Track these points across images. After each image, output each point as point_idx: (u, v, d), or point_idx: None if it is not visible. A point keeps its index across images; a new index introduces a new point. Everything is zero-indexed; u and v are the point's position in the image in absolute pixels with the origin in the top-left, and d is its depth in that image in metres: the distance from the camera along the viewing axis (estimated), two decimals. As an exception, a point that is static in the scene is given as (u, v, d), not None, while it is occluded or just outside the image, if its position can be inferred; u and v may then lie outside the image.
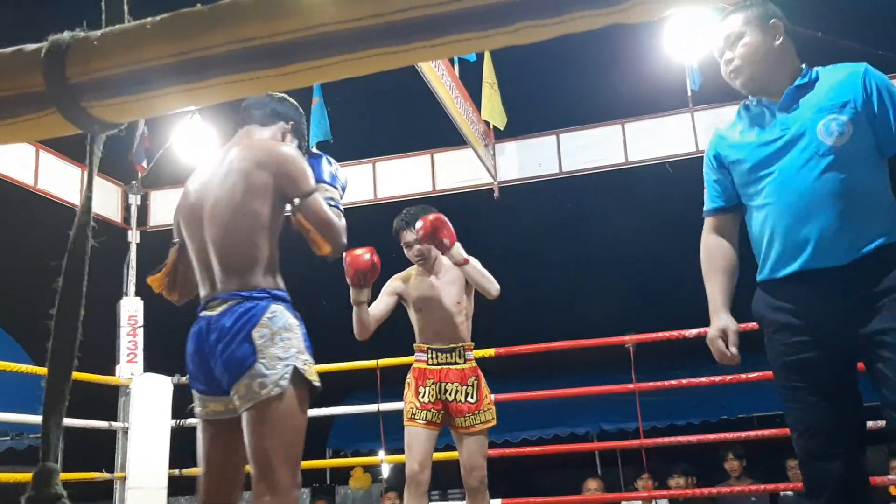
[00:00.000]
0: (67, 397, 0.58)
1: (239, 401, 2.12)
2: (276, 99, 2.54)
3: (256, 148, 2.33)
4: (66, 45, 0.60)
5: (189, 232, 2.33)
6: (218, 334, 2.15)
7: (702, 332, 4.85)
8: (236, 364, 2.11)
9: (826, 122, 2.25)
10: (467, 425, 3.49)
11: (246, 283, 2.19)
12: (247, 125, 2.50)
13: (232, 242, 2.22)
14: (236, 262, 2.21)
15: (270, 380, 2.09)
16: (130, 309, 5.59)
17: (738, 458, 5.72)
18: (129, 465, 5.19)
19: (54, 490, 0.55)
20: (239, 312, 2.14)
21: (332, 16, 0.55)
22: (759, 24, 2.41)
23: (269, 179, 2.25)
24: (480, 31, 0.52)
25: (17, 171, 5.16)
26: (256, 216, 2.22)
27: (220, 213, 2.25)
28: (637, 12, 0.53)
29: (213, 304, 2.21)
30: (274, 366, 2.10)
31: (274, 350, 2.12)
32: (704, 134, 5.56)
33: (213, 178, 2.32)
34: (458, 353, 3.57)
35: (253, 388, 2.09)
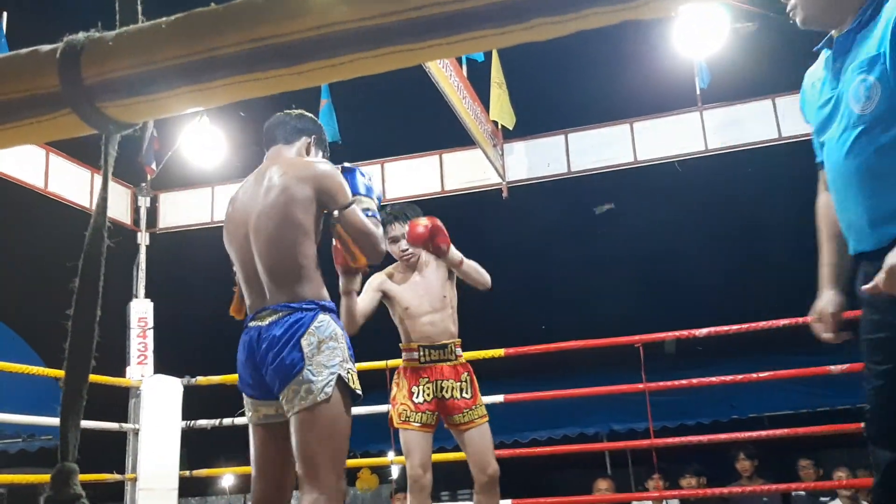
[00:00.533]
0: (85, 397, 0.58)
1: (287, 405, 2.25)
2: (295, 116, 2.67)
3: (295, 164, 2.46)
4: (82, 45, 0.60)
5: (234, 247, 2.46)
6: (269, 343, 2.28)
7: (712, 332, 4.85)
8: (285, 370, 2.23)
9: (856, 84, 1.90)
10: (466, 420, 3.48)
11: (295, 295, 2.31)
12: (272, 146, 2.63)
13: (279, 254, 2.34)
14: (284, 274, 2.33)
15: (317, 386, 2.22)
16: (140, 311, 5.61)
17: (750, 459, 5.70)
18: (139, 466, 5.20)
19: (73, 490, 0.56)
20: (289, 323, 2.27)
21: (345, 14, 0.55)
22: None
23: (311, 193, 2.37)
24: (495, 28, 0.52)
25: (27, 173, 5.18)
26: (301, 228, 2.34)
27: (266, 226, 2.36)
28: (651, 8, 0.53)
29: (263, 315, 2.33)
30: (320, 372, 2.23)
31: (320, 357, 2.24)
32: (713, 132, 5.55)
33: (255, 195, 2.44)
34: (450, 349, 3.55)
35: (300, 393, 2.22)
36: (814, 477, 5.72)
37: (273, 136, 2.64)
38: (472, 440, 3.48)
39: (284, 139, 2.62)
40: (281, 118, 2.66)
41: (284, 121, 2.65)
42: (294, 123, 2.65)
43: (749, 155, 5.68)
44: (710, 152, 5.56)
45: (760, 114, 5.50)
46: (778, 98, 5.49)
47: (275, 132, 2.64)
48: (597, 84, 9.23)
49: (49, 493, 0.55)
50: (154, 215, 6.21)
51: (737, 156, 5.63)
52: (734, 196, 10.41)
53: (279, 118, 2.66)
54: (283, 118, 2.66)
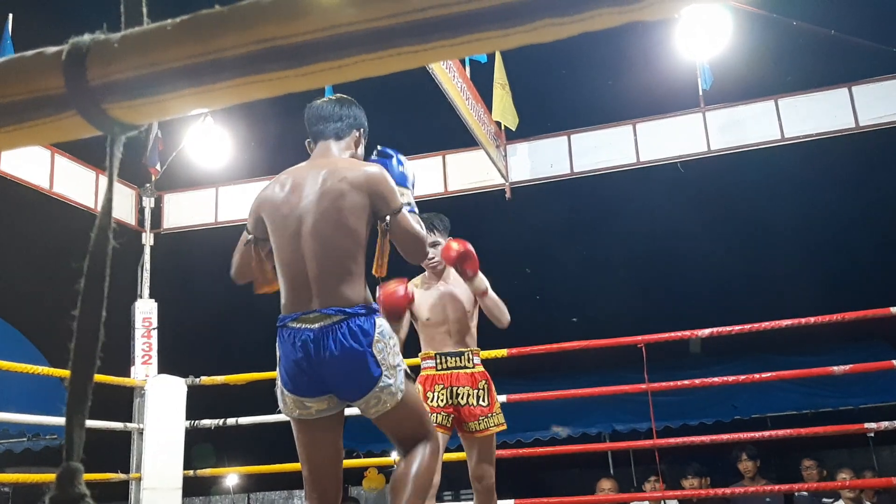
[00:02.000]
0: (90, 397, 0.58)
1: (367, 409, 2.37)
2: (344, 106, 2.61)
3: (350, 169, 2.44)
4: (87, 47, 0.60)
5: (279, 244, 2.43)
6: (334, 349, 2.28)
7: (714, 332, 4.85)
8: (366, 381, 2.31)
9: None
10: (481, 429, 3.47)
11: (347, 300, 2.33)
12: (322, 139, 2.59)
13: (334, 261, 2.34)
14: (338, 279, 2.34)
15: (395, 387, 2.34)
16: (145, 311, 5.62)
17: (752, 459, 5.69)
18: (144, 465, 5.21)
19: (78, 490, 0.56)
20: (354, 330, 2.29)
21: (351, 16, 0.55)
22: None
23: (366, 200, 2.38)
24: (499, 29, 0.53)
25: (33, 174, 5.20)
26: (356, 235, 2.37)
27: (322, 230, 2.35)
28: (656, 9, 0.53)
29: (311, 317, 2.32)
30: (393, 374, 2.33)
31: (389, 360, 2.33)
32: (716, 133, 5.55)
33: (309, 195, 2.41)
34: (467, 357, 3.55)
35: (382, 398, 2.33)
36: (817, 477, 5.72)
37: (322, 130, 2.58)
38: (480, 448, 3.48)
39: (336, 135, 2.58)
40: (329, 109, 2.59)
41: (334, 113, 2.59)
42: (344, 116, 2.59)
43: (751, 156, 5.68)
44: (713, 153, 5.56)
45: (763, 115, 5.50)
46: (780, 99, 5.49)
47: (325, 126, 2.58)
48: (599, 85, 9.24)
49: (54, 493, 0.56)
50: (158, 216, 6.23)
51: (739, 156, 5.64)
52: (737, 196, 10.40)
53: (328, 109, 2.59)
54: (331, 109, 2.59)
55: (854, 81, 5.39)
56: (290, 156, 7.73)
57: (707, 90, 5.53)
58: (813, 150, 5.60)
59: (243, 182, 6.43)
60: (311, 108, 2.63)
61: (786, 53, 7.18)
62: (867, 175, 9.14)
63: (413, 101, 6.87)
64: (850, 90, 5.37)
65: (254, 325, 10.44)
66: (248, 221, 2.59)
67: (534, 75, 8.36)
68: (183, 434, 5.38)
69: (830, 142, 5.44)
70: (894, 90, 5.31)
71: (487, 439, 3.49)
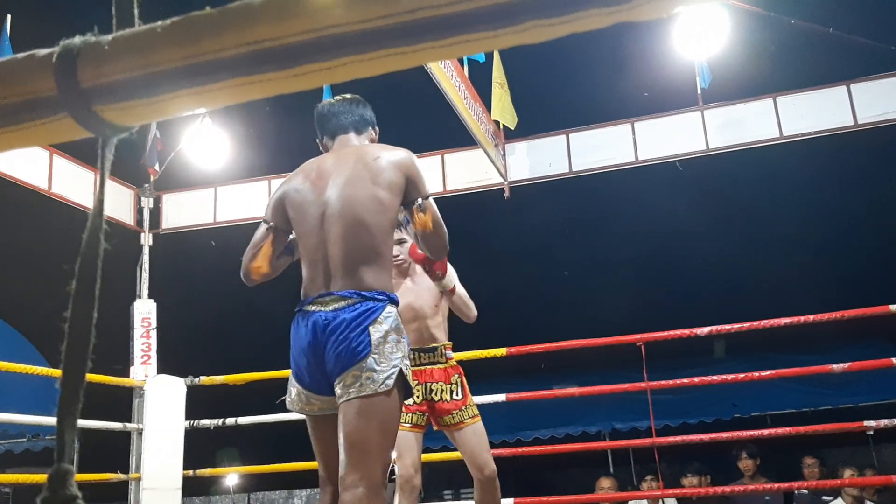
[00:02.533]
0: (82, 398, 0.58)
1: (342, 389, 2.20)
2: (359, 105, 2.61)
3: (384, 149, 2.42)
4: (78, 49, 0.60)
5: (307, 230, 2.37)
6: (335, 325, 2.22)
7: (713, 331, 4.85)
8: (349, 353, 2.19)
9: None
10: (456, 422, 3.45)
11: (368, 284, 2.26)
12: (341, 134, 2.56)
13: (361, 242, 2.29)
14: (361, 262, 2.28)
15: (379, 376, 2.18)
16: (144, 311, 5.62)
17: (752, 458, 5.70)
18: (143, 465, 5.21)
19: (69, 491, 0.56)
20: (360, 310, 2.22)
21: (341, 17, 0.55)
22: None
23: (402, 180, 2.35)
24: (489, 30, 0.53)
25: (31, 175, 5.20)
26: (388, 216, 2.33)
27: (352, 211, 2.30)
28: (646, 10, 0.53)
29: (327, 300, 2.26)
30: (383, 363, 2.19)
31: (385, 348, 2.22)
32: (715, 132, 5.55)
33: (339, 179, 2.36)
34: (440, 352, 3.53)
35: (361, 379, 2.17)
36: (818, 476, 5.72)
37: (340, 124, 2.56)
38: (466, 440, 3.46)
39: (355, 128, 2.56)
40: (345, 106, 2.58)
41: (350, 109, 2.58)
42: (360, 112, 2.59)
43: (750, 154, 5.68)
44: (712, 152, 5.56)
45: (761, 113, 5.50)
46: (779, 97, 5.49)
47: (342, 120, 2.56)
48: (598, 84, 9.24)
49: (45, 494, 0.56)
50: (157, 216, 6.23)
51: (738, 155, 5.64)
52: (736, 195, 10.41)
53: (343, 106, 2.58)
54: (347, 106, 2.58)
55: (853, 79, 5.39)
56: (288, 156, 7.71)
57: (706, 89, 5.54)
58: (812, 148, 5.61)
59: (242, 182, 6.43)
60: (323, 108, 2.61)
61: (784, 52, 7.19)
62: (866, 173, 9.15)
63: (411, 100, 6.87)
64: (849, 88, 5.37)
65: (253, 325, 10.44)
66: (266, 212, 2.52)
67: (532, 74, 8.36)
68: (182, 434, 5.38)
69: (829, 140, 5.44)
70: (893, 88, 5.31)
71: (473, 429, 3.46)
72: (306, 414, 2.38)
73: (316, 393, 2.31)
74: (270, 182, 6.29)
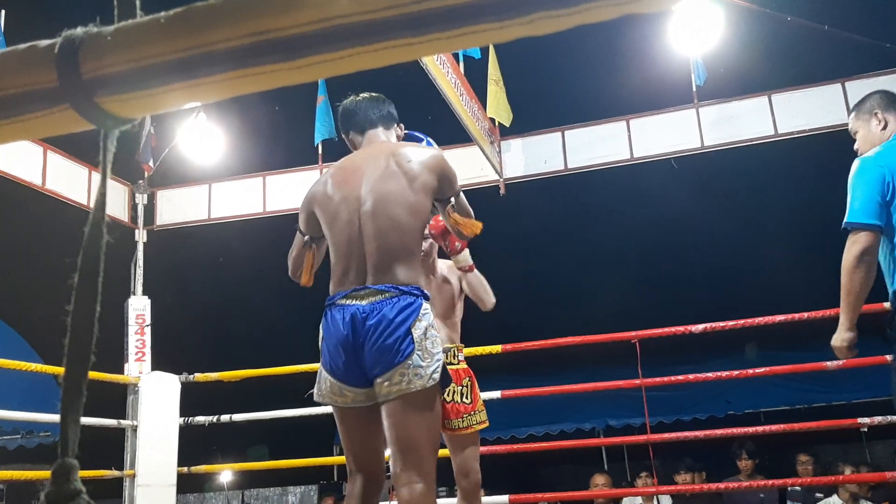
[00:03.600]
0: (85, 393, 0.58)
1: (388, 387, 2.22)
2: (385, 102, 2.66)
3: (416, 151, 2.45)
4: (80, 40, 0.60)
5: (336, 222, 2.40)
6: (377, 322, 2.23)
7: (708, 328, 4.86)
8: (394, 353, 2.21)
9: None
10: (464, 426, 3.41)
11: (403, 279, 2.29)
12: (370, 129, 2.60)
13: (396, 238, 2.32)
14: (396, 257, 2.31)
15: (426, 372, 2.22)
16: (138, 307, 5.60)
17: (752, 458, 5.69)
18: (138, 462, 5.21)
19: (74, 486, 0.56)
20: (401, 305, 2.24)
21: (345, 7, 0.55)
22: None
23: (434, 181, 2.39)
24: (495, 21, 0.52)
25: (25, 171, 5.17)
26: (421, 213, 2.37)
27: (387, 210, 2.33)
28: (650, 2, 0.53)
29: (361, 294, 2.28)
30: (427, 359, 2.23)
31: (427, 344, 2.25)
32: (709, 129, 5.55)
33: (371, 177, 2.39)
34: (452, 353, 3.51)
35: (408, 377, 2.20)
36: (811, 473, 5.73)
37: (368, 119, 2.60)
38: (462, 449, 3.44)
39: (383, 124, 2.61)
40: (371, 102, 2.62)
41: (378, 105, 2.62)
42: (387, 108, 2.64)
43: (745, 151, 5.69)
44: (707, 149, 5.57)
45: (756, 110, 5.51)
46: (774, 94, 5.50)
47: (369, 115, 2.60)
48: (593, 81, 9.24)
49: (50, 489, 0.55)
50: (151, 212, 6.21)
51: (733, 152, 5.64)
52: (731, 192, 10.42)
53: (369, 102, 2.62)
54: (373, 102, 2.63)
55: (847, 77, 5.40)
56: (284, 151, 7.70)
57: (700, 86, 5.54)
58: (806, 145, 5.61)
59: (237, 178, 6.41)
60: (349, 104, 2.64)
61: (779, 49, 7.19)
62: (860, 170, 9.14)
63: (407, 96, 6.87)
64: (843, 85, 5.38)
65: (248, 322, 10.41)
66: (300, 220, 2.57)
67: (528, 71, 8.36)
68: (177, 431, 5.37)
69: (823, 137, 5.45)
70: (887, 85, 5.30)
71: (471, 436, 3.45)
72: (337, 406, 2.39)
73: (350, 385, 2.32)
74: (265, 178, 6.28)
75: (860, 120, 3.07)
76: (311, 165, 6.12)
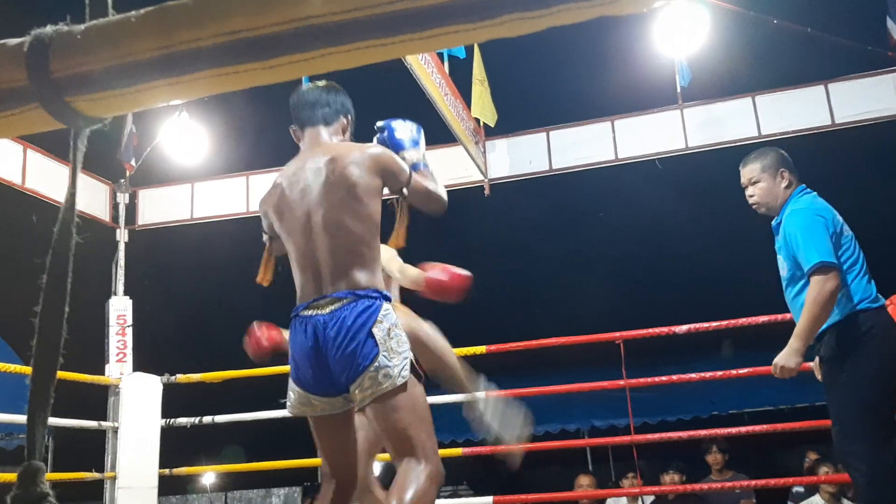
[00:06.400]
0: (52, 395, 0.57)
1: (362, 393, 2.23)
2: (329, 91, 2.60)
3: (354, 152, 2.40)
4: (50, 39, 0.59)
5: (291, 234, 2.41)
6: (337, 330, 2.24)
7: (692, 329, 4.88)
8: (361, 358, 2.22)
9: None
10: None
11: (358, 283, 2.30)
12: (310, 126, 2.56)
13: (347, 247, 2.32)
14: (350, 264, 2.31)
15: (394, 371, 2.22)
16: (119, 308, 5.56)
17: (722, 452, 5.73)
18: (119, 464, 5.17)
19: (40, 489, 0.55)
20: (359, 310, 2.25)
21: (318, 8, 0.54)
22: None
23: (379, 181, 2.37)
24: (467, 23, 0.52)
25: (4, 169, 5.13)
26: (370, 219, 2.36)
27: (335, 218, 2.33)
28: (624, 4, 0.53)
29: (322, 304, 2.29)
30: (393, 358, 2.23)
31: (391, 343, 2.25)
32: (694, 130, 5.58)
33: (315, 185, 2.38)
34: None
35: (378, 379, 2.21)
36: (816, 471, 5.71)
37: (311, 117, 2.55)
38: None
39: (324, 120, 2.56)
40: (315, 95, 2.57)
41: (321, 99, 2.57)
42: (331, 102, 2.58)
43: (729, 153, 5.71)
44: (691, 150, 5.59)
45: (740, 112, 5.54)
46: (758, 96, 5.53)
47: (313, 112, 2.56)
48: (578, 82, 9.26)
49: (16, 492, 0.55)
50: (133, 212, 6.16)
51: (717, 153, 5.67)
52: (715, 193, 10.46)
53: (313, 95, 2.57)
54: (317, 95, 2.57)
55: (830, 79, 5.44)
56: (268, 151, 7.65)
57: (685, 87, 5.56)
58: (790, 147, 5.63)
59: (220, 178, 6.38)
60: (297, 95, 2.61)
61: (763, 51, 7.24)
62: (843, 172, 9.23)
63: (391, 96, 6.86)
64: (827, 88, 5.42)
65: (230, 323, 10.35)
66: (263, 224, 2.60)
67: (513, 71, 8.37)
68: (159, 432, 5.34)
69: (807, 139, 5.49)
70: (870, 88, 5.36)
71: None
72: (308, 415, 2.41)
73: (318, 395, 2.34)
74: (248, 178, 6.25)
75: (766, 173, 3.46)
76: (295, 165, 6.10)
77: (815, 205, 3.33)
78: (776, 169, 3.43)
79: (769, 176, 3.43)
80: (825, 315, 3.14)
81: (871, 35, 5.43)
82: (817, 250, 3.14)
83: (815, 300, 3.12)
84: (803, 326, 3.19)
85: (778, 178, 3.42)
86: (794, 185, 3.43)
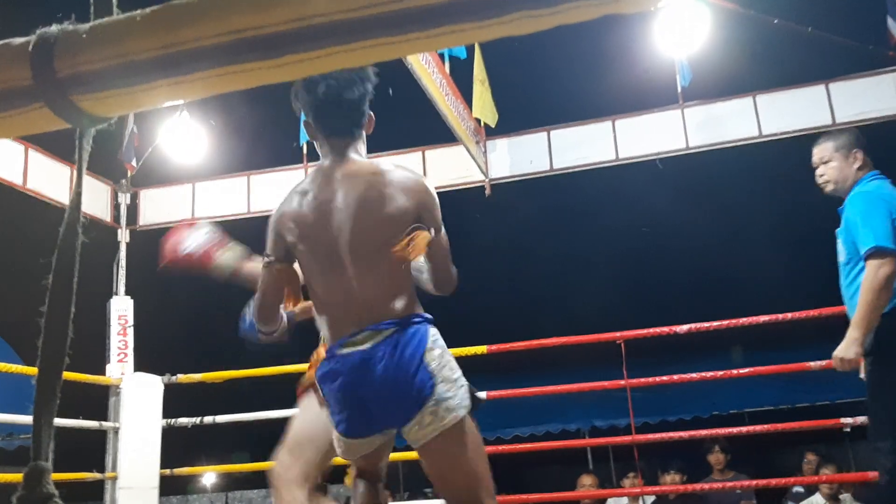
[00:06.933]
0: (58, 396, 0.57)
1: (421, 430, 2.06)
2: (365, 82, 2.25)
3: (394, 174, 2.18)
4: (55, 38, 0.59)
5: (321, 268, 2.17)
6: (385, 365, 2.04)
7: (693, 328, 4.88)
8: (415, 393, 2.03)
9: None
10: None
11: (399, 312, 2.10)
12: (337, 138, 2.25)
13: (386, 274, 2.11)
14: (390, 294, 2.11)
15: (455, 402, 2.05)
16: (120, 308, 5.56)
17: (724, 452, 5.73)
18: (119, 465, 5.17)
19: (46, 489, 0.55)
20: (406, 340, 2.06)
21: (324, 6, 0.54)
22: None
23: (413, 208, 2.12)
24: (475, 21, 0.52)
25: (5, 170, 5.12)
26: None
27: (373, 248, 2.11)
28: (631, 2, 0.52)
29: (360, 339, 2.08)
30: (451, 388, 2.06)
31: (446, 372, 2.07)
32: (695, 130, 5.57)
33: (347, 209, 2.14)
34: None
35: (440, 414, 2.04)
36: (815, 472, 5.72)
37: (340, 129, 2.24)
38: None
39: (355, 133, 2.27)
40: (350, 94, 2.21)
41: (354, 101, 2.23)
42: (364, 102, 2.26)
43: (730, 152, 5.71)
44: (692, 150, 5.58)
45: (741, 111, 5.53)
46: (759, 96, 5.53)
47: (344, 121, 2.24)
48: (578, 82, 9.27)
49: (22, 492, 0.54)
50: (134, 212, 6.17)
51: (718, 153, 5.66)
52: (716, 193, 10.47)
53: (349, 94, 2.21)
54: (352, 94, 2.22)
55: (831, 79, 5.44)
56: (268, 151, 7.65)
57: (686, 87, 5.56)
58: (791, 146, 5.64)
59: (220, 178, 6.38)
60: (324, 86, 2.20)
61: (763, 50, 7.23)
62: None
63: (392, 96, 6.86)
64: (827, 87, 5.41)
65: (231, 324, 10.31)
66: (267, 244, 2.25)
67: (514, 71, 8.37)
68: (160, 433, 5.34)
69: (808, 139, 5.47)
70: (870, 87, 5.36)
71: None
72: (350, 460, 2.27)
73: (366, 436, 2.16)
74: (249, 178, 6.25)
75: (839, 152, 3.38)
76: (295, 165, 6.10)
77: (882, 189, 3.21)
78: (849, 149, 3.35)
79: (842, 156, 3.35)
80: (881, 302, 2.99)
81: (871, 34, 5.43)
82: (874, 234, 3.03)
83: (869, 286, 3.00)
84: (860, 314, 3.03)
85: (851, 158, 3.34)
86: (867, 168, 3.33)
